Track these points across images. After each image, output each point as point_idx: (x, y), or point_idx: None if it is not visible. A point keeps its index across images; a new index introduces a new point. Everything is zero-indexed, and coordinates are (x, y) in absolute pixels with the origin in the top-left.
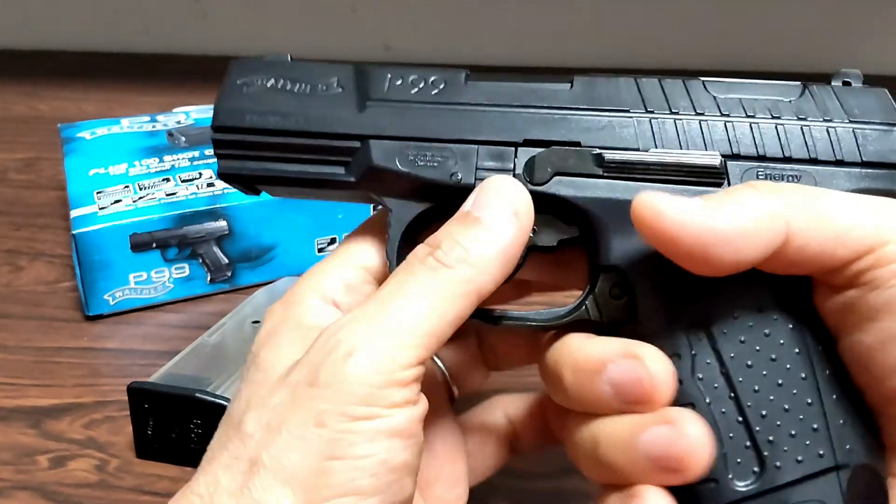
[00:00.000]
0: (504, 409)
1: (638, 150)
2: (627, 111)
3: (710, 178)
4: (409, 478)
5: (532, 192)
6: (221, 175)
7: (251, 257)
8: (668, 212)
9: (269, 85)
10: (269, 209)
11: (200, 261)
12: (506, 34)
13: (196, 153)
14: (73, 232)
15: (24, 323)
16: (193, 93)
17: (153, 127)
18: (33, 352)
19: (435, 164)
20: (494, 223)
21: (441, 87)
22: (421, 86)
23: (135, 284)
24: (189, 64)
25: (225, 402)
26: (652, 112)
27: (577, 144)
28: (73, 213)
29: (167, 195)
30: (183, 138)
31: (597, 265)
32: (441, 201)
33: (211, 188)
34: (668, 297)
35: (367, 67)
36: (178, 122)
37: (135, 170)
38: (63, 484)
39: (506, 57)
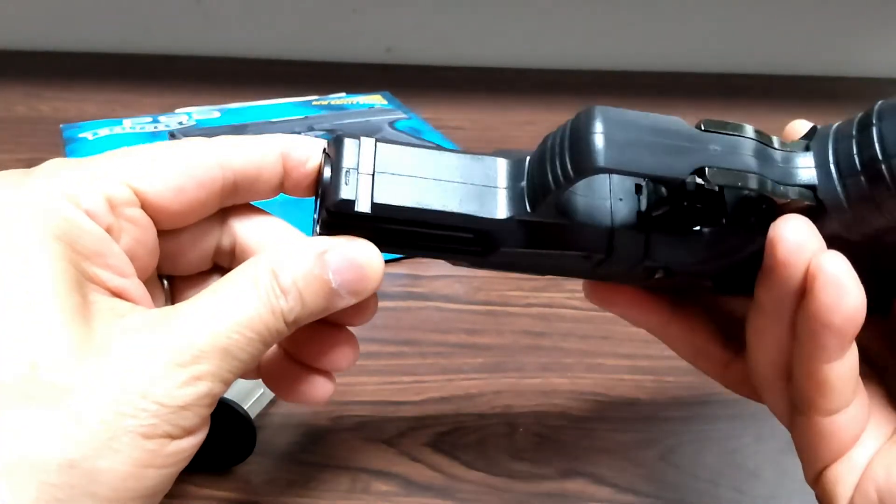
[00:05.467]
0: None
1: None
2: None
3: None
4: None
5: None
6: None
7: None
8: None
9: None
10: (270, 210)
11: None
12: (508, 36)
13: None
14: None
15: None
16: (195, 94)
17: (155, 128)
18: None
19: None
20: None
21: None
22: None
23: None
24: (191, 65)
25: (226, 403)
26: None
27: None
28: None
29: None
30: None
31: None
32: None
33: None
34: None
35: None
36: (181, 123)
37: None
38: None
39: (508, 59)
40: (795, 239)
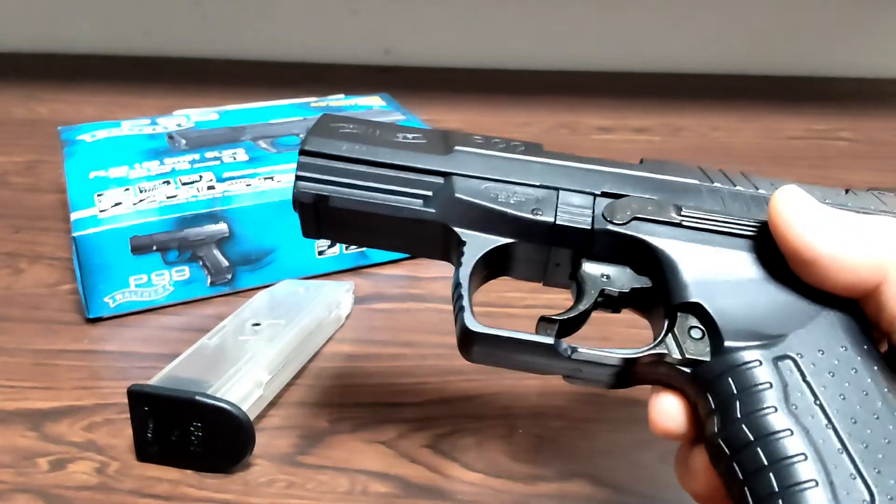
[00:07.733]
0: None
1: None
2: (696, 181)
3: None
4: None
5: (611, 232)
6: (297, 198)
7: (251, 260)
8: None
9: (357, 129)
10: (269, 212)
11: (201, 263)
12: (506, 37)
13: (196, 156)
14: (74, 234)
15: (25, 325)
16: (194, 95)
17: (153, 129)
18: (33, 354)
19: (516, 202)
20: None
21: (522, 148)
22: (503, 145)
23: (135, 287)
24: (189, 66)
25: (225, 405)
26: (714, 183)
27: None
28: (74, 216)
29: (167, 198)
30: (183, 141)
31: (673, 306)
32: (517, 236)
33: (211, 191)
34: (753, 332)
35: (451, 130)
36: (179, 125)
37: (135, 172)
38: (63, 486)
39: (506, 60)
40: (665, 424)
